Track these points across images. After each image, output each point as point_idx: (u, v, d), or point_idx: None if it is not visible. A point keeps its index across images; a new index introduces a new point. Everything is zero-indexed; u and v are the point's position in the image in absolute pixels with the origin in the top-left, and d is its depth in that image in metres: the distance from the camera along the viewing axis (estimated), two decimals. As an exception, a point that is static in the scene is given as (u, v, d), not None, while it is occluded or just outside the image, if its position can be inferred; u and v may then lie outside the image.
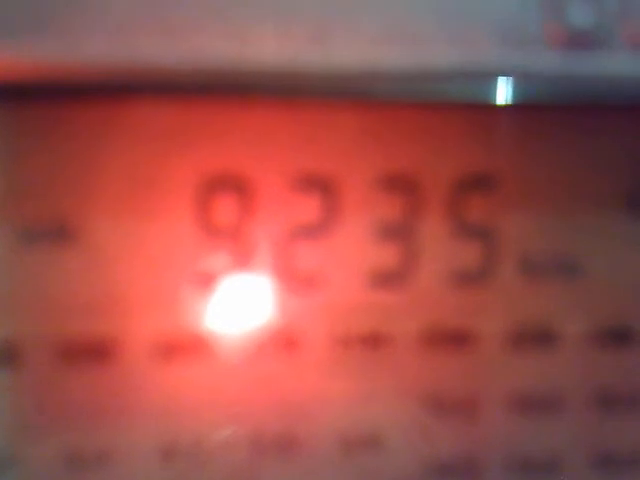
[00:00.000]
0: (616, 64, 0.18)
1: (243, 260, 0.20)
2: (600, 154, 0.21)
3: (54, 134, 0.19)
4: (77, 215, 0.19)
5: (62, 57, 0.17)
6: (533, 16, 0.18)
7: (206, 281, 0.20)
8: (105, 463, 0.20)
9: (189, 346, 0.20)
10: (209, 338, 0.20)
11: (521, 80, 0.19)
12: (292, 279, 0.20)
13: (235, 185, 0.19)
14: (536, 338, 0.21)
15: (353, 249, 0.20)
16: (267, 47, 0.17)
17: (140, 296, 0.20)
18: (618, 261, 0.21)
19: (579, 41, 0.18)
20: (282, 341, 0.20)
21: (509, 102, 0.19)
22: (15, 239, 0.19)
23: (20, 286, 0.19)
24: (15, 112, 0.18)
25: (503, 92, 0.19)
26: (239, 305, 0.20)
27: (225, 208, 0.19)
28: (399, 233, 0.20)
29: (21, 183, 0.19)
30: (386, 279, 0.20)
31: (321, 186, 0.20)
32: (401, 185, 0.20)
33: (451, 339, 0.21)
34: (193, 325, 0.20)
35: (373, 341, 0.21)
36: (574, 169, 0.21)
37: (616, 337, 0.22)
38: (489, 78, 0.19)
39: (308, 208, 0.20)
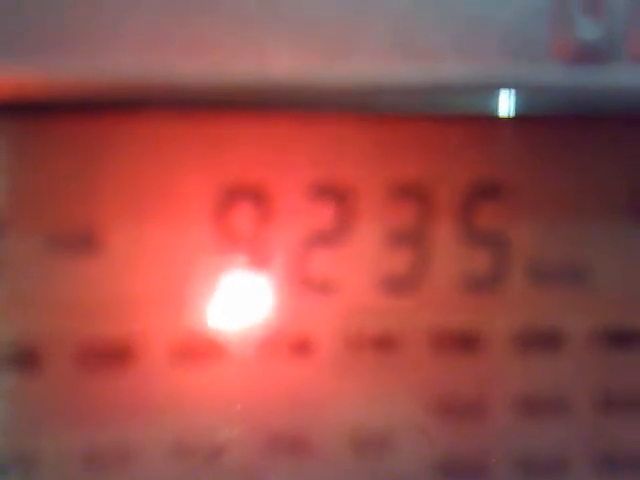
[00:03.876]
0: (624, 77, 0.19)
1: (260, 266, 0.20)
2: (608, 164, 0.21)
3: (76, 146, 0.19)
4: (99, 222, 0.19)
5: (88, 73, 0.17)
6: (542, 29, 0.18)
7: (224, 287, 0.20)
8: (122, 463, 0.20)
9: (206, 349, 0.20)
10: (226, 342, 0.20)
11: (530, 93, 0.19)
12: (307, 284, 0.20)
13: (253, 194, 0.20)
14: (544, 342, 0.21)
15: (367, 255, 0.20)
16: (283, 62, 0.18)
17: (159, 301, 0.20)
18: (626, 268, 0.22)
19: (587, 54, 0.18)
20: (296, 344, 0.21)
21: (518, 114, 0.19)
22: (37, 245, 0.19)
23: (41, 290, 0.20)
24: (40, 124, 0.19)
25: (512, 104, 0.19)
26: (255, 310, 0.21)
27: (243, 216, 0.20)
28: (411, 240, 0.21)
29: (45, 191, 0.19)
30: (398, 284, 0.21)
31: (336, 195, 0.20)
32: (413, 194, 0.20)
33: (461, 343, 0.21)
34: (211, 329, 0.20)
35: (385, 344, 0.21)
36: (582, 178, 0.21)
37: (623, 342, 0.22)
38: (499, 91, 0.19)
39: (323, 216, 0.20)
